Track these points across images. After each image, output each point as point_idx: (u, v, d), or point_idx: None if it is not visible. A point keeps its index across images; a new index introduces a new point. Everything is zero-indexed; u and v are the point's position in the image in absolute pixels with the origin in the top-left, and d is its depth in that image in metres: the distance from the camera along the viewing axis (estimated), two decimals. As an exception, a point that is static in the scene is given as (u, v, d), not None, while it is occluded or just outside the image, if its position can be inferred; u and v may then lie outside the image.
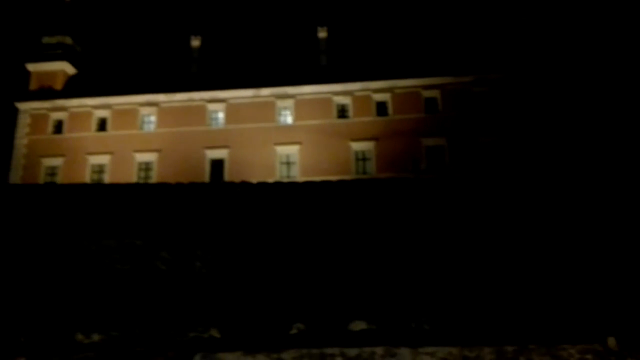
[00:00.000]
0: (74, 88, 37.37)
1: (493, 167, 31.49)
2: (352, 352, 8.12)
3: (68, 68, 38.40)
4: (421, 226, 13.48)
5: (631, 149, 29.57)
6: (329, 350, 8.25)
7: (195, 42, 38.83)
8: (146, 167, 34.07)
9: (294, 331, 9.46)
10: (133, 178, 33.01)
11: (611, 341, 9.37)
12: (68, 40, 39.13)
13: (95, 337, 9.81)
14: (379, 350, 8.10)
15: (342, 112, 34.68)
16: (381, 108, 34.32)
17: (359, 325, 9.38)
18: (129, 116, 35.41)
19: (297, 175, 32.89)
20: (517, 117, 32.51)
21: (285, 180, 31.35)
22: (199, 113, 35.14)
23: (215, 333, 9.47)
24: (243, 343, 8.67)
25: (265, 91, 35.05)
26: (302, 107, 34.56)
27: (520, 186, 13.64)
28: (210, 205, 13.42)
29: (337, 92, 34.67)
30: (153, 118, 35.51)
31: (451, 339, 8.52)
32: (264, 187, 13.52)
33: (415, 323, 9.13)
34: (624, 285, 10.13)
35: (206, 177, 32.87)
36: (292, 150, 33.60)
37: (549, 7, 35.76)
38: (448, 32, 37.28)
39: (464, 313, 9.06)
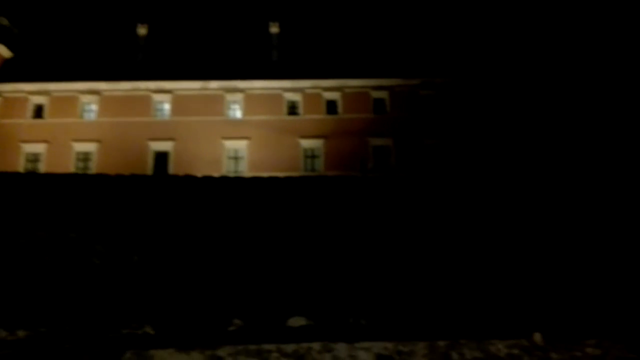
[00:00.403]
0: (9, 72, 35.28)
1: (436, 168, 32.45)
2: (289, 347, 8.13)
3: (3, 51, 36.22)
4: (364, 223, 13.68)
5: (568, 151, 31.25)
6: (267, 347, 8.23)
7: (142, 31, 37.57)
8: (85, 157, 32.67)
9: (232, 327, 9.35)
10: (71, 168, 31.56)
11: (537, 336, 9.87)
12: (4, 21, 36.88)
13: (21, 333, 9.31)
14: (316, 345, 8.15)
15: (293, 108, 34.66)
16: (331, 106, 34.57)
17: (298, 322, 9.40)
18: (68, 104, 33.82)
19: (245, 170, 32.60)
20: (460, 121, 33.66)
21: (233, 175, 30.97)
22: (143, 103, 34.05)
23: (149, 330, 9.21)
24: (177, 340, 8.47)
25: (214, 84, 34.46)
26: (251, 102, 34.24)
27: (460, 186, 14.12)
28: (151, 198, 13.03)
29: (287, 88, 34.61)
30: (94, 107, 34.09)
31: (387, 334, 8.70)
32: (208, 181, 13.28)
33: (353, 318, 9.26)
34: (549, 284, 10.70)
35: (149, 170, 31.92)
36: (241, 145, 33.23)
37: (492, 15, 37.15)
38: (398, 35, 38.03)
39: (399, 309, 9.27)
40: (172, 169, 32.19)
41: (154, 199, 13.03)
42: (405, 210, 14.07)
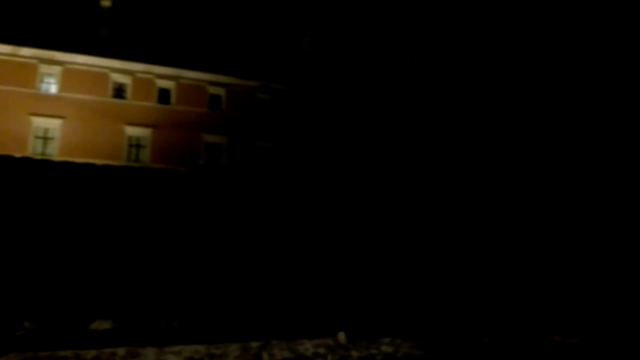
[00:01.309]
0: None
1: (268, 170, 33.15)
2: (90, 354, 7.39)
3: None
4: (187, 221, 13.24)
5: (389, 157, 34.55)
6: (62, 353, 7.37)
7: None
8: None
9: (20, 332, 8.18)
10: None
11: (341, 336, 10.66)
12: None
13: None
14: (121, 351, 7.56)
15: (120, 91, 32.09)
16: (164, 95, 32.90)
17: (102, 325, 8.62)
18: None
19: (56, 153, 29.10)
20: (293, 127, 34.96)
21: (39, 157, 27.36)
22: None
23: None
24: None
25: (27, 51, 30.14)
26: (71, 78, 30.75)
27: (286, 189, 14.57)
28: None
29: (116, 69, 31.93)
30: None
31: (199, 337, 8.52)
32: (4, 160, 11.45)
33: (165, 321, 8.85)
34: (354, 286, 11.69)
35: None
36: (53, 124, 29.59)
37: (334, 28, 39.42)
38: (241, 35, 37.98)
39: (214, 311, 9.17)
40: (-39, 142, 27.24)
41: None
42: (232, 209, 14.01)
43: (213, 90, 33.89)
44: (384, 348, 10.46)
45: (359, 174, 33.61)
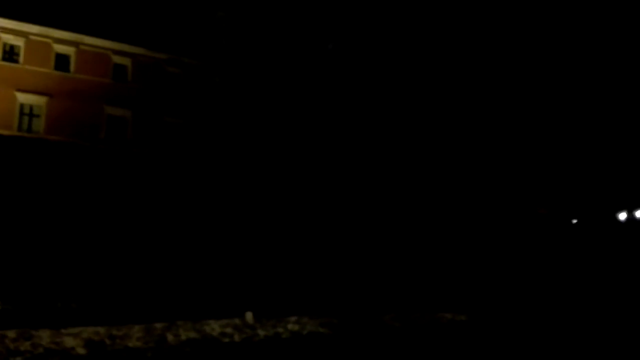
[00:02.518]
0: None
1: (177, 148, 32.00)
2: (-26, 337, 6.80)
3: None
4: (85, 195, 12.48)
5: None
6: (-60, 338, 6.70)
7: None
8: None
9: None
10: None
11: (248, 315, 10.77)
12: None
13: None
14: (11, 333, 7.04)
15: (11, 54, 29.17)
16: (62, 62, 30.39)
17: (-11, 307, 7.95)
18: None
19: None
20: (206, 105, 33.99)
21: None
22: None
23: None
24: None
25: None
26: (-49, 35, 27.43)
27: (193, 168, 14.19)
28: None
29: (7, 29, 28.95)
30: None
31: (100, 318, 8.18)
32: None
33: (61, 303, 8.35)
34: (262, 267, 11.83)
35: None
36: None
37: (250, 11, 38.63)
38: (152, 4, 35.97)
39: (115, 293, 8.81)
40: None
41: None
42: (134, 186, 13.45)
43: (118, 59, 31.87)
44: (290, 326, 10.73)
45: (270, 156, 33.60)
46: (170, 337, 8.90)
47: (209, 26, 36.68)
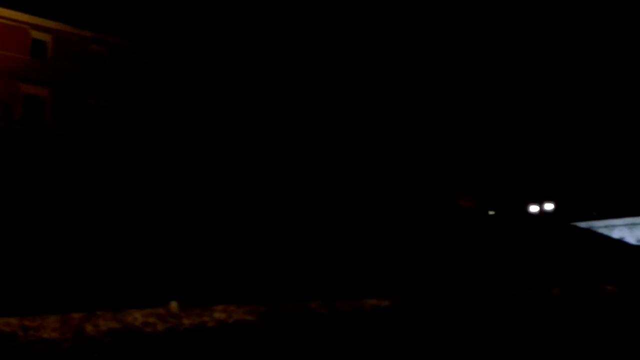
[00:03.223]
0: None
1: (101, 131, 30.49)
2: None
3: None
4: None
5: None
6: None
7: None
8: None
9: None
10: None
11: (173, 305, 10.57)
12: None
13: None
14: None
15: None
16: (-28, 34, 28.02)
17: None
18: None
19: None
20: (133, 87, 32.56)
21: None
22: None
23: None
24: None
25: None
26: None
27: (113, 154, 13.66)
28: None
29: None
30: None
31: (10, 309, 7.74)
32: None
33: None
34: (187, 254, 11.70)
35: None
36: None
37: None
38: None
39: (27, 282, 8.35)
40: None
41: None
42: (48, 169, 12.75)
43: (37, 35, 29.79)
44: (216, 315, 10.66)
45: (197, 139, 32.86)
46: (89, 327, 8.59)
47: (139, 5, 35.09)
